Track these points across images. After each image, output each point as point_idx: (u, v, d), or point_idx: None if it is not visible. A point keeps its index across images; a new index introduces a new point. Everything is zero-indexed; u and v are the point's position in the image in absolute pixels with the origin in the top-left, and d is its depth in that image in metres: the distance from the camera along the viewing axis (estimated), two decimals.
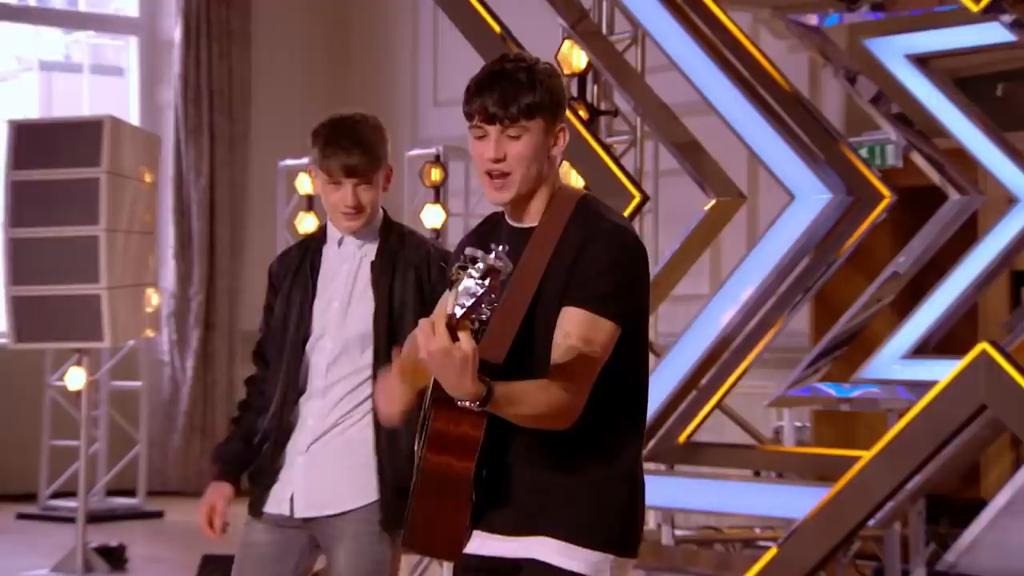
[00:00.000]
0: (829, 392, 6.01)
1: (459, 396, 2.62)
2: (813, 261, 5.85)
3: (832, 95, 8.79)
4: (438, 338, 2.54)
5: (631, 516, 2.90)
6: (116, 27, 11.70)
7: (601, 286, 2.77)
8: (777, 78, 5.90)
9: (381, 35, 11.64)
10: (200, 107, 10.97)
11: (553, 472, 2.84)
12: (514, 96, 2.80)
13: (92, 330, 7.53)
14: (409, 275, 3.72)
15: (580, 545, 2.83)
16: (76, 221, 7.53)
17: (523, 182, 2.83)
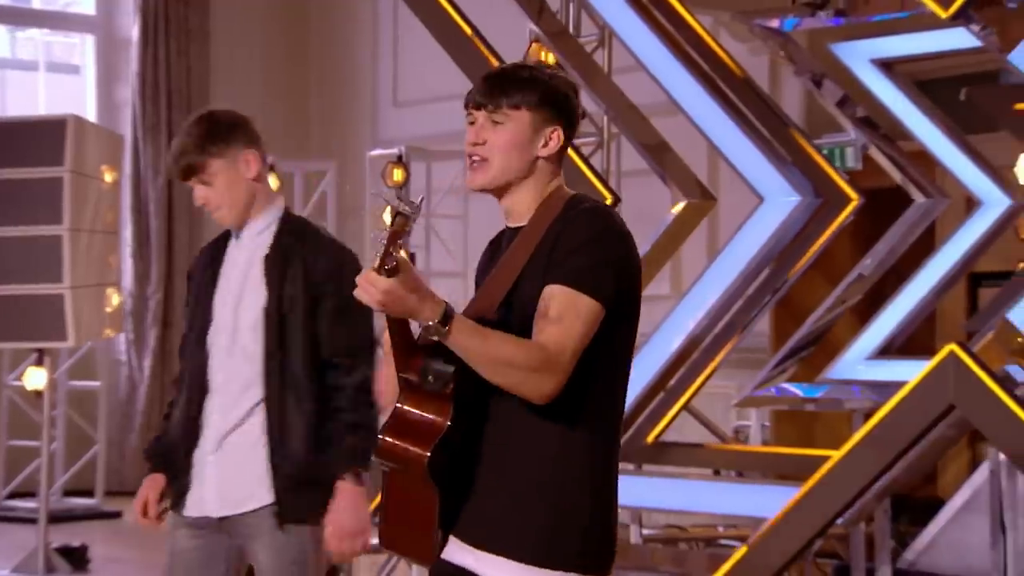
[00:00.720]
0: (795, 392, 6.07)
1: (425, 315, 2.59)
2: (781, 263, 5.91)
3: (793, 97, 8.86)
4: (375, 282, 2.55)
5: (599, 531, 2.78)
6: (72, 25, 11.62)
7: (578, 262, 2.71)
8: (743, 80, 5.95)
9: (341, 34, 11.63)
10: (158, 105, 10.92)
11: (517, 482, 2.75)
12: (503, 86, 2.84)
13: (55, 330, 7.49)
14: (299, 273, 3.72)
15: (539, 567, 2.73)
16: (39, 220, 7.48)
17: (499, 171, 2.84)
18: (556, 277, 2.73)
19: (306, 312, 3.71)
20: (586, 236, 2.74)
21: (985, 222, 6.02)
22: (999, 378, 5.09)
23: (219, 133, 3.75)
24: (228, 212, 3.75)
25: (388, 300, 2.57)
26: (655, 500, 5.88)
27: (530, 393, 2.67)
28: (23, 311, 7.55)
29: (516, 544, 2.74)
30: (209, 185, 3.72)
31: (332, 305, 3.70)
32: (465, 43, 5.92)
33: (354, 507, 3.66)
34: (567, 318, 2.68)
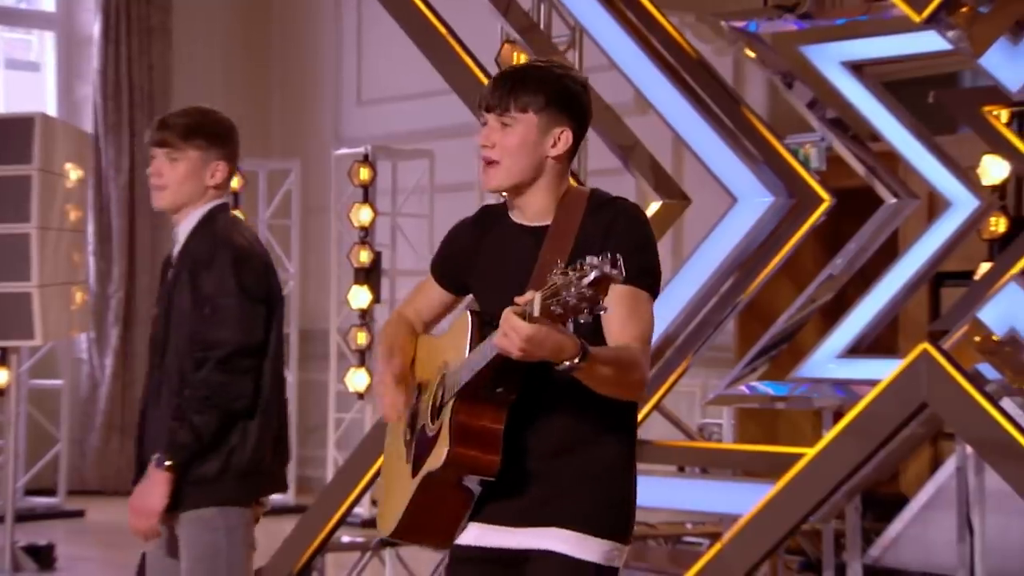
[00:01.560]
0: (766, 391, 6.13)
1: (560, 358, 2.64)
2: (753, 263, 5.96)
3: (756, 98, 8.92)
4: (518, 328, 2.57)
5: (632, 505, 2.98)
6: (32, 22, 11.56)
7: (639, 262, 2.83)
8: (715, 80, 6.00)
9: (303, 32, 11.62)
10: (120, 103, 10.87)
11: (562, 462, 2.88)
12: (511, 88, 2.90)
13: (22, 328, 7.45)
14: (185, 275, 3.77)
15: (593, 535, 2.89)
16: (7, 218, 7.45)
17: (510, 173, 2.92)
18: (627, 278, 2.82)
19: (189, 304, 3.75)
20: (640, 239, 2.88)
21: (953, 223, 6.09)
22: (971, 376, 5.16)
23: (213, 132, 3.84)
24: (167, 197, 3.82)
25: (529, 346, 2.61)
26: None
27: (633, 394, 2.88)
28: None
29: (574, 516, 2.88)
30: (173, 164, 3.79)
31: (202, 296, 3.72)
32: (439, 42, 5.94)
33: (150, 489, 3.70)
34: (640, 313, 2.84)
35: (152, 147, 3.84)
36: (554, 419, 2.89)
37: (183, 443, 3.68)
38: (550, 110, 2.90)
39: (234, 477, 3.74)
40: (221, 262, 3.71)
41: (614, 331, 2.83)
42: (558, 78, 2.93)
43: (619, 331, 2.82)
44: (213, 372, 3.67)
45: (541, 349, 2.62)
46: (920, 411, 5.18)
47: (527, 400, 2.84)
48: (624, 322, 2.82)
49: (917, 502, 7.18)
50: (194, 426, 3.67)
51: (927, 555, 6.95)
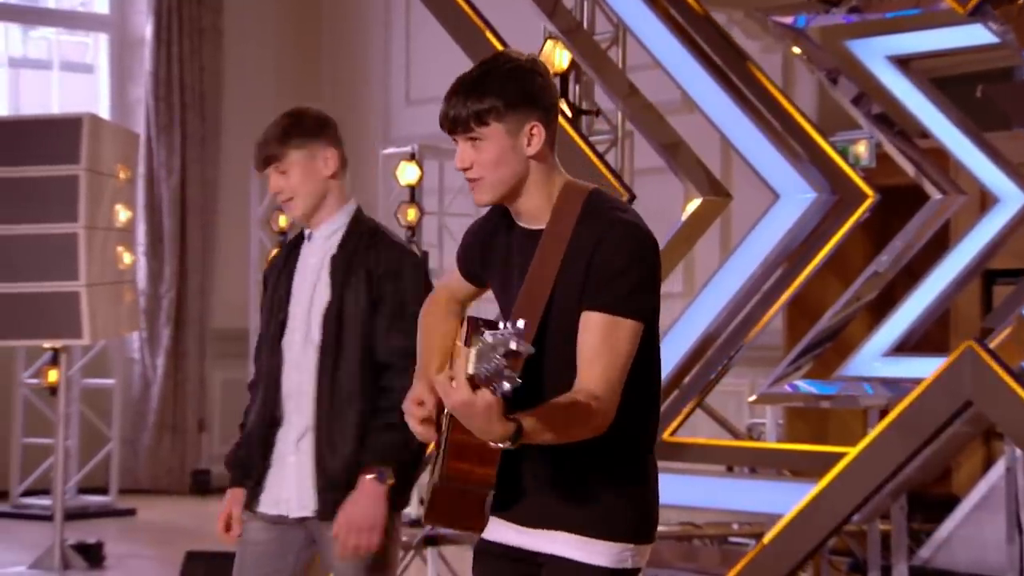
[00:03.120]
0: (810, 389, 6.07)
1: (492, 438, 2.62)
2: (797, 260, 5.90)
3: (805, 95, 8.87)
4: (459, 390, 2.54)
5: (647, 504, 2.92)
6: (86, 24, 11.65)
7: (620, 287, 2.76)
8: (759, 77, 5.95)
9: (353, 32, 11.64)
10: (171, 104, 10.94)
11: (570, 465, 2.85)
12: (464, 104, 2.82)
13: (71, 327, 7.50)
14: (361, 275, 3.75)
15: (600, 539, 2.85)
16: (55, 218, 7.50)
17: (496, 185, 2.84)
18: (596, 303, 2.78)
19: (366, 313, 3.73)
20: (627, 260, 2.78)
21: (1001, 219, 6.01)
22: (1016, 374, 5.08)
23: (304, 127, 3.81)
24: (299, 203, 3.79)
25: (469, 412, 2.58)
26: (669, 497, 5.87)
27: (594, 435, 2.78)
28: (39, 309, 7.57)
29: (581, 520, 2.85)
30: (285, 174, 3.77)
31: (390, 307, 3.73)
32: (481, 41, 5.92)
33: (370, 503, 3.67)
34: (610, 351, 2.76)
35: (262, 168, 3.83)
36: None
37: (398, 454, 3.67)
38: (512, 112, 2.81)
39: (404, 483, 3.75)
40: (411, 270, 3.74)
41: (582, 363, 2.78)
42: (507, 76, 2.83)
43: (586, 365, 2.77)
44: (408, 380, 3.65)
45: (468, 421, 2.59)
46: (964, 409, 5.11)
47: (534, 399, 2.78)
48: (593, 355, 2.76)
49: (968, 502, 7.09)
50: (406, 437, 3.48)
51: (978, 556, 6.86)
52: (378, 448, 3.69)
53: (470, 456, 2.77)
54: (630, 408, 2.84)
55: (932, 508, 7.31)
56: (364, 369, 3.73)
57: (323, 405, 3.75)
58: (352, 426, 3.72)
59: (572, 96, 6.85)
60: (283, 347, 3.82)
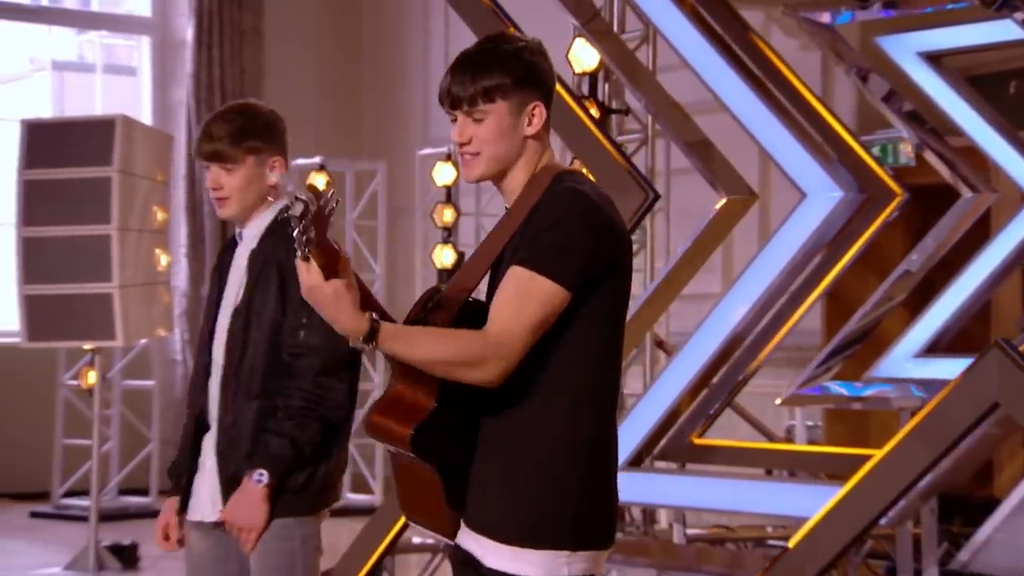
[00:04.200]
0: (841, 391, 6.00)
1: (344, 329, 2.61)
2: (825, 259, 5.84)
3: (845, 93, 8.77)
4: (310, 275, 2.58)
5: (586, 506, 2.74)
6: (129, 27, 11.71)
7: (541, 243, 2.69)
8: (789, 75, 5.88)
9: (393, 33, 11.64)
10: (212, 106, 10.93)
11: (501, 464, 2.74)
12: (472, 80, 2.79)
13: (104, 329, 7.53)
14: (273, 271, 3.63)
15: (526, 547, 2.71)
16: (88, 220, 7.53)
17: (491, 161, 2.81)
18: (520, 258, 2.71)
19: (274, 312, 3.62)
20: (556, 217, 2.71)
21: None
22: None
23: (258, 130, 3.70)
24: (234, 206, 3.69)
25: (311, 296, 2.61)
26: (697, 500, 5.83)
27: (476, 382, 2.67)
28: (73, 310, 7.61)
29: (506, 528, 2.73)
30: (229, 173, 3.66)
31: (296, 301, 3.54)
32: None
33: (245, 503, 3.56)
34: (519, 301, 2.67)
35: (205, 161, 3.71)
36: (499, 414, 2.75)
37: (282, 456, 3.56)
38: (517, 91, 2.80)
39: (317, 489, 3.64)
40: None
41: (491, 312, 2.69)
42: (515, 55, 2.81)
43: (492, 312, 2.69)
44: (311, 381, 3.57)
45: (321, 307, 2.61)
46: (992, 411, 5.02)
47: (481, 391, 2.71)
48: (499, 305, 2.68)
49: (1007, 505, 6.97)
50: (294, 438, 3.56)
51: (1016, 560, 6.75)
52: (261, 452, 3.58)
53: (395, 410, 2.70)
54: (564, 400, 2.73)
55: (973, 511, 7.21)
56: (268, 368, 3.61)
57: (226, 407, 3.65)
58: (251, 424, 3.60)
59: (601, 95, 6.81)
60: (212, 350, 3.72)
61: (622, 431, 5.98)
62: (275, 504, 3.60)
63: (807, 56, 8.50)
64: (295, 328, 3.59)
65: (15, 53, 12.12)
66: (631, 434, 5.90)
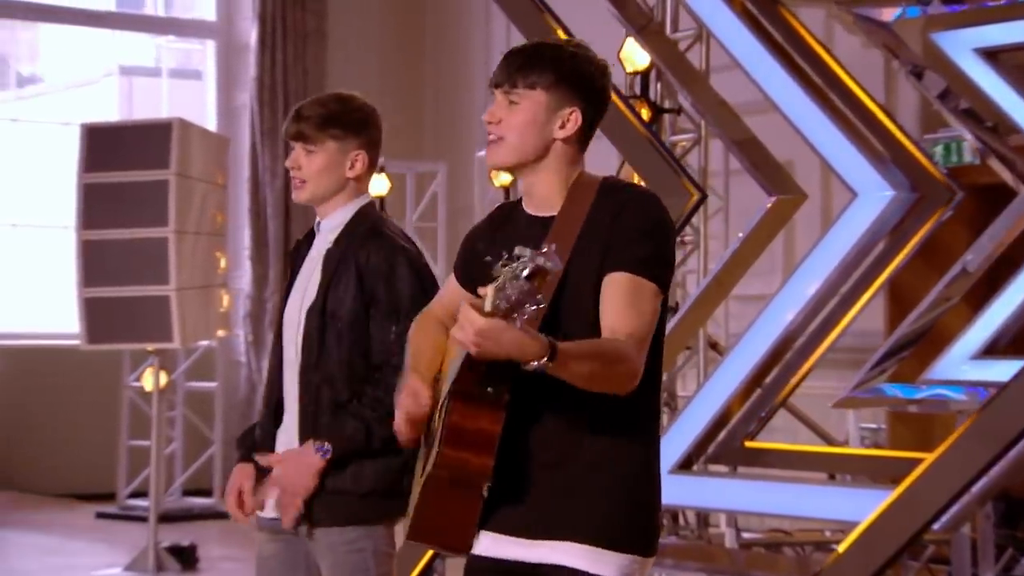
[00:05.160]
0: (896, 393, 5.90)
1: (525, 358, 2.52)
2: (878, 259, 5.75)
3: (908, 91, 8.63)
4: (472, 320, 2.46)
5: (654, 515, 2.83)
6: (195, 31, 11.79)
7: (643, 249, 2.72)
8: (841, 73, 5.80)
9: (455, 35, 11.63)
10: (275, 109, 11.00)
11: (574, 471, 2.75)
12: (520, 65, 2.79)
13: (162, 331, 7.58)
14: (352, 273, 3.57)
15: (608, 549, 2.75)
16: (146, 223, 7.58)
17: (513, 151, 2.80)
18: (620, 263, 2.71)
19: (353, 313, 3.56)
20: (647, 225, 2.74)
21: None
22: None
23: (347, 120, 3.65)
24: (309, 190, 3.64)
25: (484, 341, 2.49)
26: (746, 504, 5.76)
27: (622, 389, 2.68)
28: (131, 312, 7.66)
29: (589, 529, 2.75)
30: (310, 155, 3.62)
31: (383, 307, 3.55)
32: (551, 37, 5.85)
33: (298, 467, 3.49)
34: (639, 304, 2.69)
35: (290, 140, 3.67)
36: (558, 423, 2.74)
37: (352, 437, 3.49)
38: (559, 89, 2.78)
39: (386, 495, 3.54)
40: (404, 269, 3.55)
41: (608, 322, 2.68)
42: (571, 56, 2.81)
43: (613, 322, 2.68)
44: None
45: (499, 346, 2.48)
46: None
47: (530, 404, 2.70)
48: (620, 313, 2.68)
49: None
50: (370, 425, 3.49)
51: None
52: (335, 427, 3.53)
53: (467, 442, 2.65)
54: (638, 405, 2.76)
55: None
56: (348, 371, 3.56)
57: (305, 407, 3.60)
58: (328, 412, 3.55)
59: (654, 95, 6.76)
60: (284, 344, 3.68)
61: (672, 433, 5.96)
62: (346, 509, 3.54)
63: (870, 54, 8.37)
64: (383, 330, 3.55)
65: (85, 58, 12.26)
66: (681, 437, 5.85)
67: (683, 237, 7.00)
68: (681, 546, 6.27)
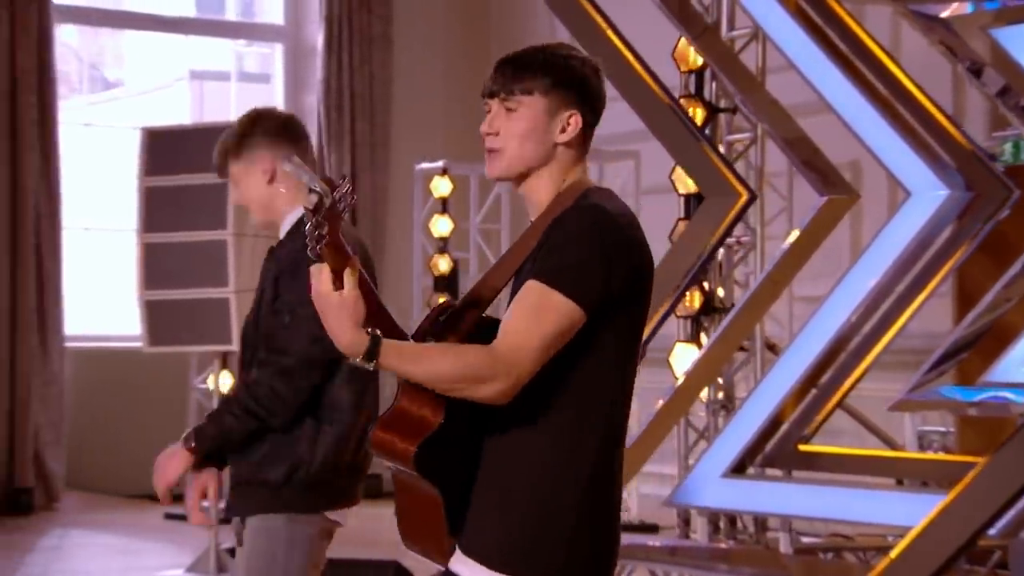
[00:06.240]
0: (955, 396, 5.79)
1: (342, 346, 2.51)
2: (934, 259, 5.65)
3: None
4: (321, 280, 2.50)
5: (587, 540, 2.64)
6: (263, 35, 11.87)
7: (559, 258, 2.58)
8: (895, 72, 5.71)
9: (520, 39, 11.52)
10: (342, 112, 11.04)
11: (499, 486, 2.65)
12: (514, 71, 2.72)
13: (222, 333, 7.62)
14: (272, 275, 3.64)
15: (506, 573, 2.62)
16: (205, 226, 7.63)
17: (513, 160, 2.72)
18: (536, 272, 2.60)
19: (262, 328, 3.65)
20: (574, 232, 2.60)
21: None
22: None
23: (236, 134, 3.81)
24: (255, 214, 3.78)
25: (317, 302, 2.53)
26: (798, 508, 5.68)
27: (483, 399, 2.57)
28: (191, 314, 7.70)
29: (498, 552, 2.63)
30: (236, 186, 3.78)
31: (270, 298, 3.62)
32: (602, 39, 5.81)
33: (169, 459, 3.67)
34: (533, 316, 2.56)
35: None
36: (502, 434, 2.65)
37: (208, 435, 3.63)
38: (557, 92, 2.71)
39: (300, 486, 3.60)
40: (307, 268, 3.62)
41: (501, 326, 2.59)
42: (564, 59, 2.75)
43: (502, 325, 2.59)
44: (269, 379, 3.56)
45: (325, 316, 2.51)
46: None
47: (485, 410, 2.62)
48: (510, 320, 2.58)
49: None
50: (223, 425, 3.61)
51: None
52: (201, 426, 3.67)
53: (399, 426, 2.59)
54: (568, 429, 2.63)
55: None
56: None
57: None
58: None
59: (708, 94, 6.69)
60: None
61: (726, 436, 5.89)
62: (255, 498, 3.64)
63: (939, 50, 8.24)
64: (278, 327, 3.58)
65: (163, 64, 12.40)
66: (734, 440, 5.79)
67: (739, 238, 6.92)
68: (732, 550, 6.20)
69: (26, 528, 9.54)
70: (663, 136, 5.49)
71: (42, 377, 10.16)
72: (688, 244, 5.91)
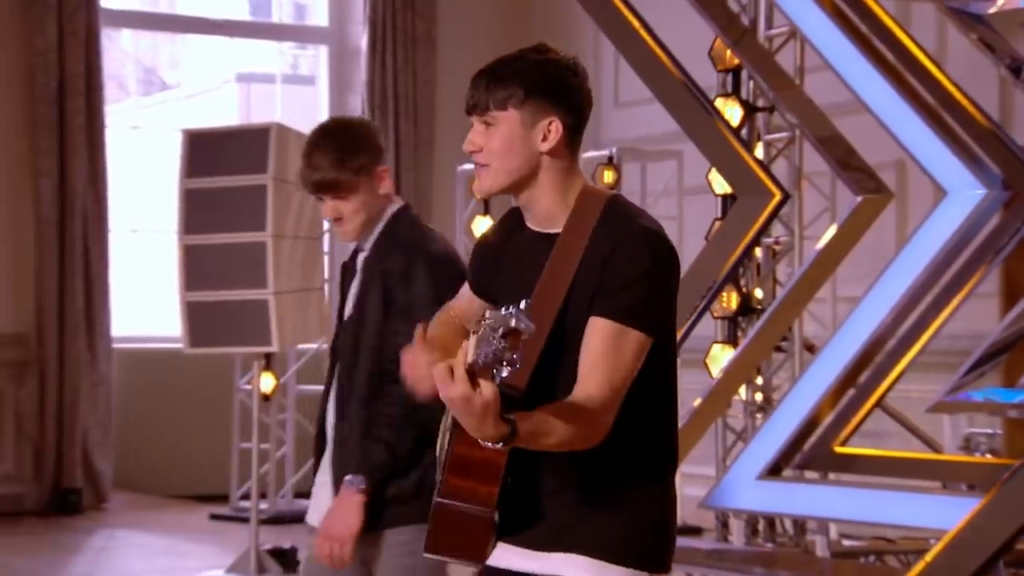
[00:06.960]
0: (993, 397, 5.72)
1: (481, 439, 2.51)
2: (972, 258, 5.58)
3: None
4: (457, 384, 2.42)
5: (665, 531, 2.78)
6: (309, 37, 11.91)
7: (630, 296, 2.64)
8: (932, 69, 5.64)
9: (564, 37, 11.55)
10: (386, 113, 11.05)
11: (584, 485, 2.72)
12: (487, 86, 2.70)
13: (261, 334, 7.62)
14: (378, 279, 3.59)
15: (613, 563, 2.72)
16: (245, 227, 7.63)
17: (499, 175, 2.71)
18: (605, 310, 2.65)
19: (379, 320, 3.59)
20: (642, 268, 2.66)
21: None
22: None
23: (357, 147, 3.65)
24: (356, 228, 3.66)
25: (464, 408, 2.45)
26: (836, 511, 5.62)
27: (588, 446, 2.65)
28: (231, 316, 7.71)
29: (597, 543, 2.72)
30: (344, 200, 3.63)
31: (398, 309, 3.56)
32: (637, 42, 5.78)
33: (342, 510, 3.52)
34: (613, 360, 2.63)
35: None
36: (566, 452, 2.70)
37: (379, 462, 3.53)
38: (531, 101, 2.68)
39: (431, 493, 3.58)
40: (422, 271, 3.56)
41: (582, 370, 2.63)
42: (536, 66, 2.70)
43: (587, 371, 2.63)
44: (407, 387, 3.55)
45: (465, 417, 2.45)
46: None
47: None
48: (595, 361, 2.62)
49: None
50: (388, 444, 3.53)
51: None
52: (362, 459, 3.54)
53: (472, 472, 2.62)
54: (647, 429, 2.74)
55: None
56: (375, 378, 3.57)
57: (340, 419, 3.64)
58: (358, 433, 3.57)
59: (746, 93, 6.64)
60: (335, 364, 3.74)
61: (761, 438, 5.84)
62: (388, 514, 3.55)
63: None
64: (395, 334, 3.52)
65: (206, 66, 12.46)
66: (770, 442, 5.74)
67: (778, 238, 6.87)
68: (769, 553, 6.15)
69: (74, 528, 9.62)
70: (696, 136, 5.45)
71: (90, 379, 10.23)
72: (721, 244, 5.88)
